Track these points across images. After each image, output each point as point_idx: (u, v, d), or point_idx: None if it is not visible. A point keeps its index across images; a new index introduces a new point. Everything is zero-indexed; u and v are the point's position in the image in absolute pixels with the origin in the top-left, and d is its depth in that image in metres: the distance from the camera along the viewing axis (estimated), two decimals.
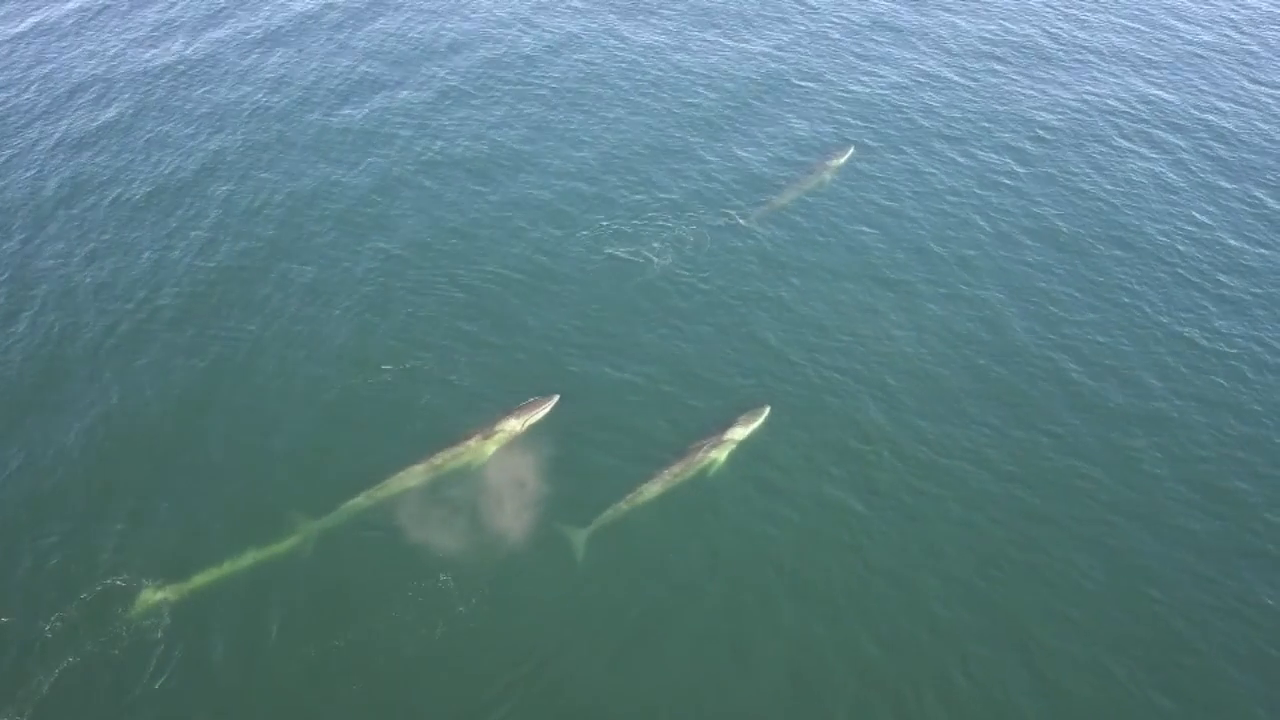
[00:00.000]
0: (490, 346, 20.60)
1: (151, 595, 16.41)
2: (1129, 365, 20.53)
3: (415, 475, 17.45)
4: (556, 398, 18.80)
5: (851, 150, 27.01)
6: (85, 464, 18.45)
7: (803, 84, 30.39)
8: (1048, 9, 34.83)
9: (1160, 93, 29.95)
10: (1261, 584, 16.49)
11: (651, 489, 17.55)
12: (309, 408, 19.45)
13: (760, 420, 19.01)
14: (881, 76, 30.72)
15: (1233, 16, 34.31)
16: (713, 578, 16.60)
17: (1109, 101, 29.86)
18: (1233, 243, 23.81)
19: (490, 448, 17.88)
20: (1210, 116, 29.01)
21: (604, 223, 24.25)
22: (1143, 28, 33.72)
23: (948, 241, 23.89)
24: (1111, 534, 17.27)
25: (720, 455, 18.33)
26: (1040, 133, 28.33)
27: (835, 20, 33.76)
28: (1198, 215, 24.81)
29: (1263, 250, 23.61)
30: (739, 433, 18.69)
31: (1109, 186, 25.92)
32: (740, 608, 16.20)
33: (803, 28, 33.20)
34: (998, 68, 31.34)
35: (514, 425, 18.20)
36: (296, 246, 23.68)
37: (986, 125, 28.49)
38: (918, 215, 24.81)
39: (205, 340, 21.14)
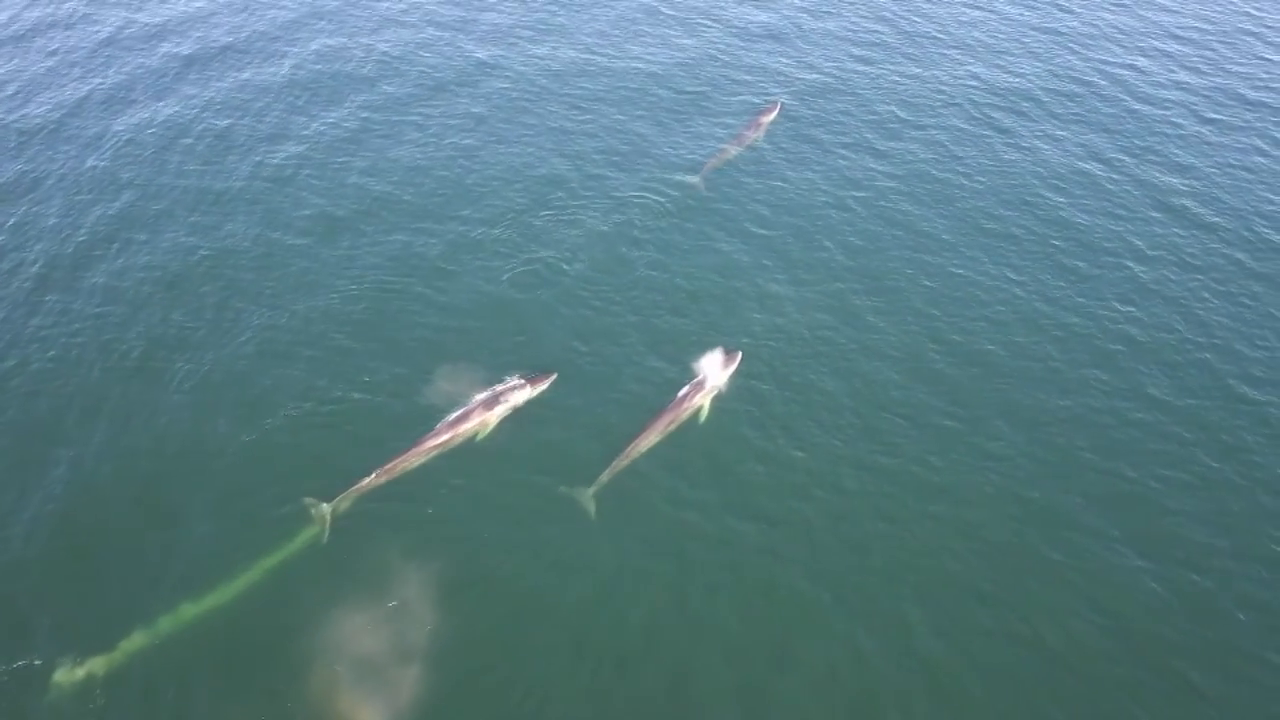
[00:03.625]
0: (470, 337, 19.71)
1: (70, 673, 13.43)
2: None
3: (421, 456, 16.74)
4: (554, 375, 18.42)
5: (780, 106, 27.06)
6: None
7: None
8: None
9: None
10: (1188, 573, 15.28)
11: (646, 442, 17.13)
12: (247, 448, 17.13)
13: (735, 364, 18.76)
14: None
15: None
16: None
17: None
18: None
19: (494, 421, 17.58)
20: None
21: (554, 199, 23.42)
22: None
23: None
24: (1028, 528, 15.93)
25: (705, 402, 18.07)
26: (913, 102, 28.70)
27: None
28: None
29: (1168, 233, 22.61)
30: (719, 378, 18.40)
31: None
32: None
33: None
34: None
35: (516, 399, 17.91)
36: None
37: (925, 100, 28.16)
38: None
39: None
